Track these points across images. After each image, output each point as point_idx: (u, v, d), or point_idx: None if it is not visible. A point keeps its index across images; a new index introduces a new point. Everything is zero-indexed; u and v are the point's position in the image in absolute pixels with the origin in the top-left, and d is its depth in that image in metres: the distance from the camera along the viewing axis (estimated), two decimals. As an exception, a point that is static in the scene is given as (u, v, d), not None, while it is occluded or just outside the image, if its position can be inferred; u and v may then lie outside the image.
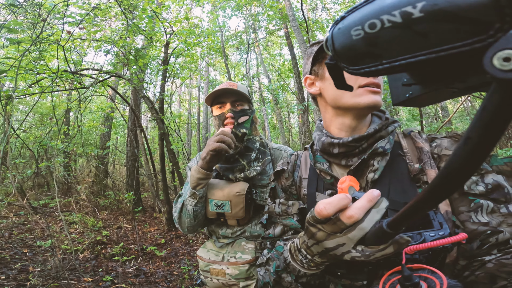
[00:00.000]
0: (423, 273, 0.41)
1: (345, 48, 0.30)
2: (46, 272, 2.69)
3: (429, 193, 0.29)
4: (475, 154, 0.24)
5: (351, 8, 0.30)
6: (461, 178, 0.26)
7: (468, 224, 0.53)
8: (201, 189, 1.06)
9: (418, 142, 0.66)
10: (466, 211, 0.54)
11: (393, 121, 0.70)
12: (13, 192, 2.74)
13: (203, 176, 1.05)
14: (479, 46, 0.23)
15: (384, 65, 0.27)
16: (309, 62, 0.75)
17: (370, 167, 0.64)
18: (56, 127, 4.59)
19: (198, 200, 1.06)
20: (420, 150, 0.64)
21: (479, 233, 0.51)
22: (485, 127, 0.22)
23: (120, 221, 4.96)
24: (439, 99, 0.36)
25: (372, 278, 0.55)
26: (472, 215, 0.53)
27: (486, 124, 0.22)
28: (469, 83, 0.28)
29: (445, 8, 0.23)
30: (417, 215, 0.33)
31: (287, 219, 0.73)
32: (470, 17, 0.22)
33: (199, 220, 1.12)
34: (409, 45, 0.26)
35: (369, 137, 0.66)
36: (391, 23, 0.26)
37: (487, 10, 0.22)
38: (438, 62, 0.25)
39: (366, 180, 0.64)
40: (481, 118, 0.23)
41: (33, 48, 3.06)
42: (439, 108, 8.20)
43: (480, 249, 0.51)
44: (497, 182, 0.53)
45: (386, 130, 0.67)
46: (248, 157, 1.14)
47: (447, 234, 0.44)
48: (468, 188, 0.54)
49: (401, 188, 0.61)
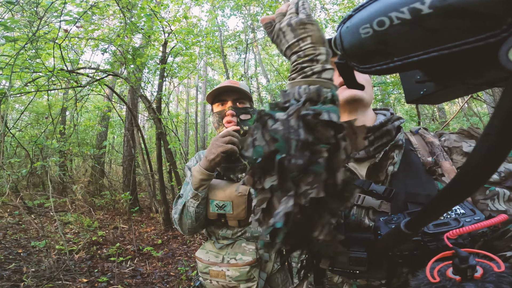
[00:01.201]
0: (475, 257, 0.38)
1: (354, 47, 0.30)
2: (40, 272, 2.66)
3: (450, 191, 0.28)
4: (495, 150, 0.23)
5: (357, 6, 0.30)
6: (482, 175, 0.25)
7: (485, 213, 0.52)
8: (203, 190, 1.05)
9: (428, 137, 0.68)
10: (483, 199, 0.54)
11: (398, 117, 0.71)
12: (7, 191, 2.70)
13: (206, 177, 1.03)
14: (494, 40, 0.23)
15: (395, 62, 0.27)
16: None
17: (390, 160, 0.64)
18: (51, 126, 4.55)
19: (200, 201, 1.04)
20: (431, 144, 0.65)
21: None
22: (504, 123, 0.22)
23: (116, 221, 4.92)
24: (454, 95, 0.35)
25: (391, 276, 0.53)
26: (489, 203, 0.53)
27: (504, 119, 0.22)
28: (485, 79, 0.28)
29: (454, 3, 0.23)
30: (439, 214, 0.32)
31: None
32: (481, 12, 0.22)
33: (200, 221, 1.10)
34: (420, 42, 0.26)
35: (375, 129, 0.66)
36: (400, 20, 0.25)
37: (498, 5, 0.21)
38: (452, 58, 0.25)
39: (386, 174, 0.64)
40: (499, 114, 0.22)
41: (29, 46, 3.02)
42: (436, 109, 8.26)
43: (500, 239, 0.49)
44: (509, 170, 0.54)
45: (393, 125, 0.68)
46: None
47: (483, 218, 0.42)
48: None
49: (418, 181, 0.61)
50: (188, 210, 1.06)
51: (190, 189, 1.06)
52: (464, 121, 7.33)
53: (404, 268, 0.44)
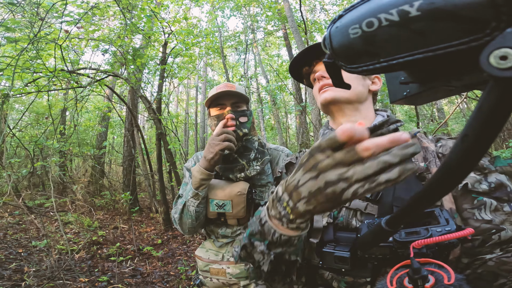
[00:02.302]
0: (430, 267, 0.41)
1: (342, 47, 0.30)
2: (41, 272, 2.66)
3: (427, 190, 0.29)
4: (472, 151, 0.24)
5: (348, 6, 0.30)
6: (458, 175, 0.26)
7: (471, 222, 0.53)
8: (203, 189, 1.07)
9: (424, 142, 0.67)
10: (470, 208, 0.54)
11: (395, 120, 0.71)
12: (8, 191, 2.71)
13: (206, 176, 1.05)
14: (476, 44, 0.23)
15: (381, 63, 0.28)
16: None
17: None
18: (52, 126, 4.56)
19: (200, 200, 1.06)
20: (426, 149, 0.65)
21: (482, 231, 0.52)
22: (482, 125, 0.23)
23: (117, 221, 4.92)
24: (436, 97, 0.36)
25: (376, 274, 0.55)
26: (476, 212, 0.53)
27: (483, 122, 0.22)
28: (466, 81, 0.29)
29: (441, 6, 0.23)
30: (417, 212, 0.33)
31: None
32: (467, 16, 0.23)
33: (200, 220, 1.12)
34: (406, 44, 0.26)
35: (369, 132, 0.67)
36: (389, 22, 0.26)
37: (484, 9, 0.22)
38: (435, 60, 0.25)
39: None
40: (478, 116, 0.23)
41: (30, 47, 3.03)
42: (435, 110, 8.26)
43: (482, 246, 0.51)
44: (500, 181, 0.54)
45: (388, 128, 0.67)
46: (247, 157, 1.14)
47: (453, 229, 0.44)
48: (471, 186, 0.55)
49: (407, 186, 0.61)
50: (189, 210, 1.08)
51: (190, 189, 1.07)
52: (463, 121, 7.34)
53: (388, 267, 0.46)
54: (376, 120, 0.72)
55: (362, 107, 0.73)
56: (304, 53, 0.74)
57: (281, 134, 9.85)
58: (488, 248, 0.51)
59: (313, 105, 5.13)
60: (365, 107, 0.73)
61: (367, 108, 0.74)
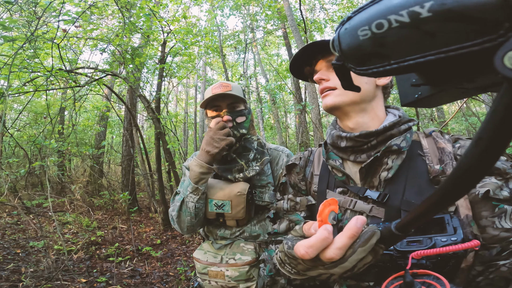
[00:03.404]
0: (427, 279, 0.40)
1: (352, 49, 0.29)
2: (39, 273, 2.65)
3: (439, 195, 0.28)
4: (486, 155, 0.23)
5: (357, 8, 0.30)
6: (472, 179, 0.25)
7: (489, 230, 0.51)
8: (203, 184, 1.04)
9: (440, 142, 0.63)
10: (490, 216, 0.52)
11: (408, 119, 0.67)
12: (5, 192, 2.69)
13: (206, 170, 1.03)
14: (490, 45, 0.23)
15: (392, 65, 0.27)
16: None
17: (384, 165, 0.62)
18: (50, 126, 4.53)
19: (200, 196, 1.04)
20: (442, 150, 0.61)
21: (501, 239, 0.50)
22: (496, 128, 0.22)
23: (115, 221, 4.91)
24: (449, 99, 0.35)
25: (379, 279, 0.54)
26: (496, 221, 0.51)
27: (497, 124, 0.22)
28: (478, 83, 0.28)
29: (453, 8, 0.23)
30: (427, 217, 0.32)
31: (294, 215, 0.73)
32: (479, 17, 0.22)
33: (200, 218, 1.09)
34: (417, 45, 0.26)
35: (378, 134, 0.64)
36: (399, 23, 0.26)
37: (496, 10, 0.21)
38: (448, 62, 0.25)
39: (379, 179, 0.63)
40: (492, 118, 0.22)
41: (27, 46, 3.01)
42: (434, 109, 8.27)
43: (499, 255, 0.49)
44: None
45: (398, 129, 0.64)
46: (246, 157, 1.13)
47: (459, 240, 0.42)
48: (492, 193, 0.52)
49: (418, 189, 0.59)
50: (188, 206, 1.05)
51: (189, 184, 1.04)
52: (463, 121, 7.35)
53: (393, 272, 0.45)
54: (386, 120, 0.68)
55: (369, 107, 0.69)
56: (303, 51, 0.72)
57: (280, 134, 9.85)
58: (505, 256, 0.49)
59: (312, 104, 5.12)
60: (373, 105, 0.69)
61: (375, 106, 0.69)
